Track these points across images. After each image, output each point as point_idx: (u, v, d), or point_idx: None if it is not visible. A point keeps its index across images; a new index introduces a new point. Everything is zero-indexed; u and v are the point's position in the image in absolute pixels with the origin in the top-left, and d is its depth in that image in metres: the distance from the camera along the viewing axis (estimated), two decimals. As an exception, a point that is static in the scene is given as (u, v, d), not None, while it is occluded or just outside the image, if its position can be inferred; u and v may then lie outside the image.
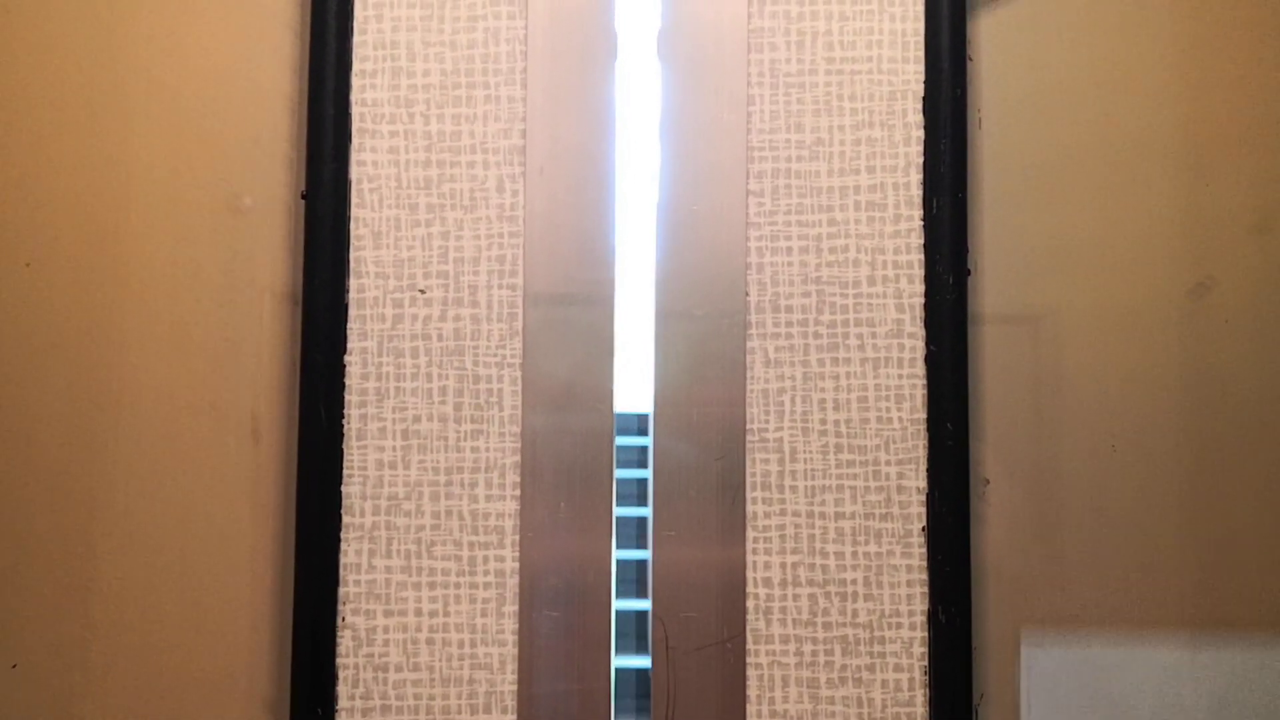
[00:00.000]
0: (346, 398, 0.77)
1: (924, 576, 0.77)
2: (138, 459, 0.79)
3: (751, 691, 0.76)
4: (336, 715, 0.76)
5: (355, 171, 0.79)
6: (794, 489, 0.78)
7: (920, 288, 0.78)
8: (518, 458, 0.77)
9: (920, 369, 0.78)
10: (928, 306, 0.78)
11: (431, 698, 0.76)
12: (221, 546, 0.79)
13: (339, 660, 0.76)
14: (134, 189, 0.81)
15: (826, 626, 0.77)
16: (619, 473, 0.80)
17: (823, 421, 0.78)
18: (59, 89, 0.81)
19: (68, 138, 0.81)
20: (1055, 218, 0.81)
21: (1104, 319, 0.81)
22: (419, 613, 0.77)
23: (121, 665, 0.79)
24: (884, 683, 0.76)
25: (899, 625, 0.77)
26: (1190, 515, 0.80)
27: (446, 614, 0.77)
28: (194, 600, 0.79)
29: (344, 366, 0.77)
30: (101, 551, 0.79)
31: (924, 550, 0.77)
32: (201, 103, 0.81)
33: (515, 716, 0.76)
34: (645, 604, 0.81)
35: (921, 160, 0.78)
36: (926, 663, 0.76)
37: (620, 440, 0.80)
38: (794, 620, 0.77)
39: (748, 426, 0.78)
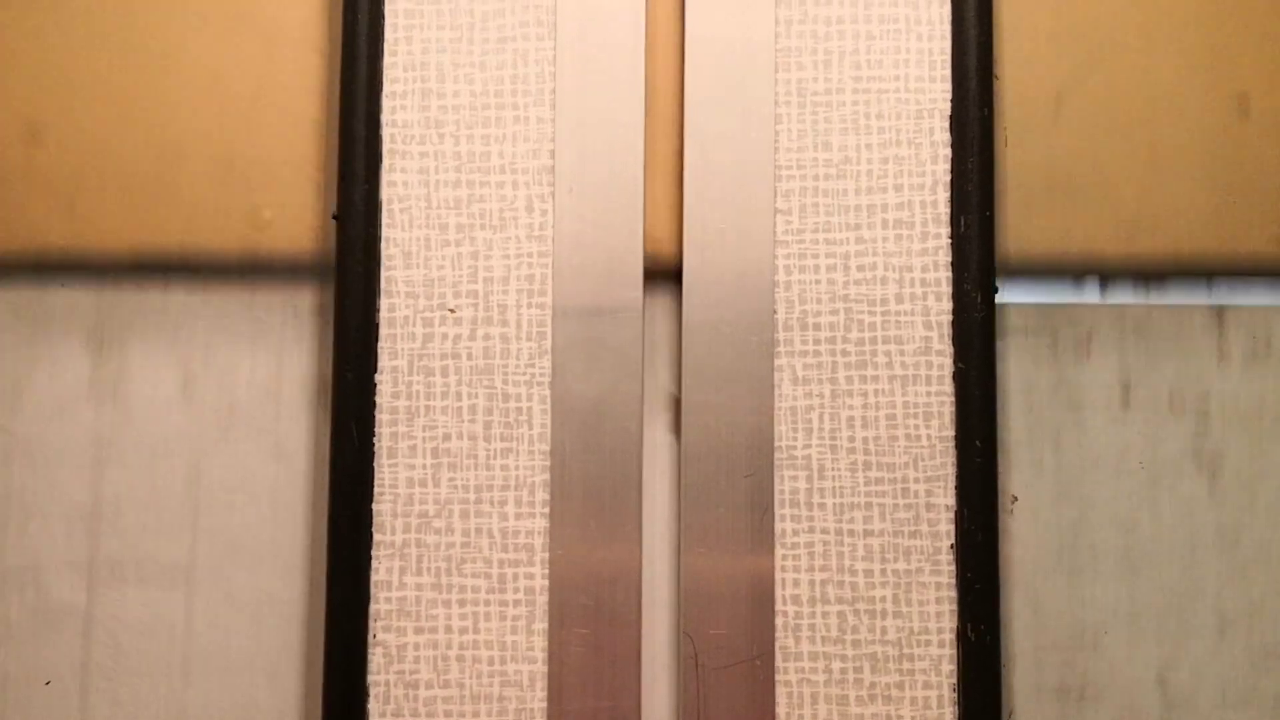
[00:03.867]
0: (377, 416, 0.78)
1: (953, 594, 0.77)
2: (168, 474, 0.80)
3: (781, 709, 0.77)
4: (368, 732, 0.76)
5: (386, 192, 0.79)
6: (822, 506, 0.78)
7: (948, 305, 0.78)
8: (547, 475, 0.78)
9: (948, 386, 0.78)
10: (955, 324, 0.78)
11: (462, 714, 0.77)
12: (252, 564, 0.80)
13: (370, 677, 0.77)
14: (165, 206, 0.81)
15: (855, 644, 0.77)
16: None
17: (851, 439, 0.78)
18: (87, 110, 0.82)
19: (94, 153, 0.82)
20: (1082, 233, 0.81)
21: (1131, 335, 0.81)
22: (449, 630, 0.77)
23: (149, 679, 0.79)
24: (913, 700, 0.76)
25: (928, 643, 0.77)
26: (1220, 530, 0.80)
27: (476, 631, 0.77)
28: (225, 617, 0.79)
29: (375, 385, 0.78)
30: (127, 564, 0.80)
31: (953, 568, 0.77)
32: (232, 123, 0.82)
33: (545, 733, 0.76)
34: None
35: (949, 178, 0.79)
36: (955, 680, 0.76)
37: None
38: (823, 638, 0.77)
39: (776, 444, 0.78)
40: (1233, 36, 0.82)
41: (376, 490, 0.78)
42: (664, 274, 0.80)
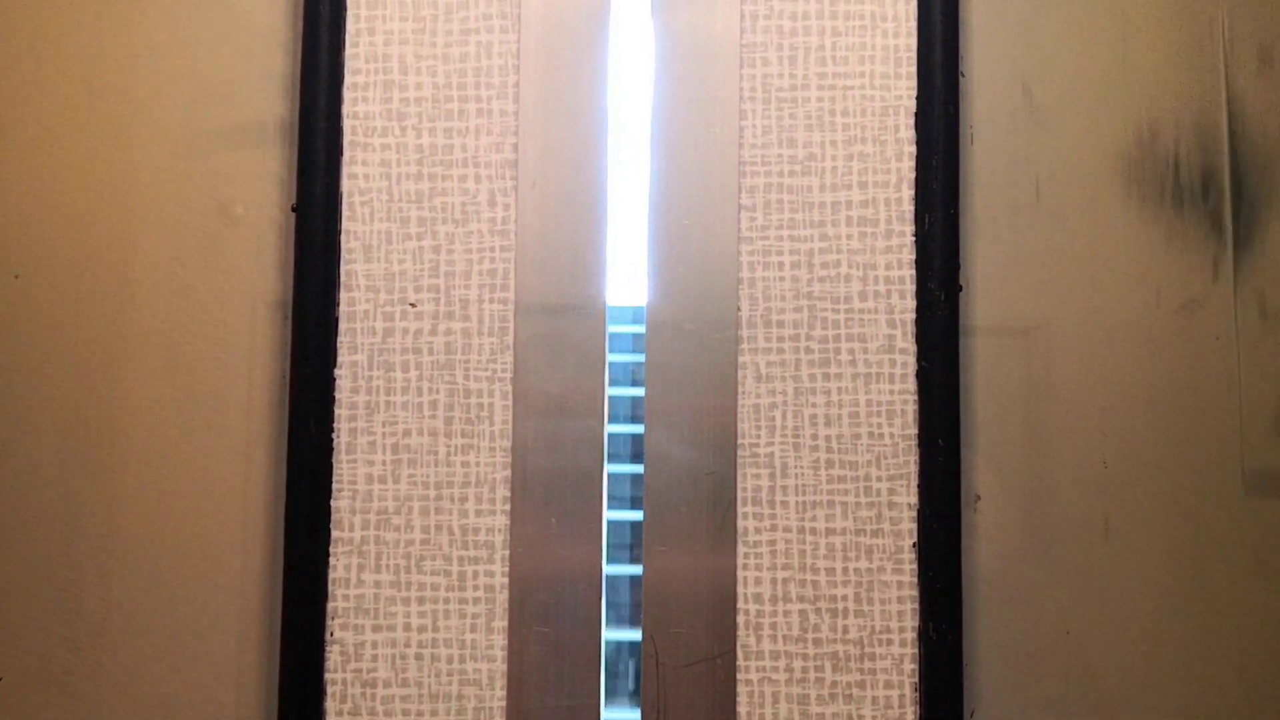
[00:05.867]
0: (336, 411, 0.77)
1: (915, 593, 0.77)
2: (124, 472, 0.79)
3: (741, 708, 0.76)
4: (324, 731, 0.75)
5: (346, 185, 0.78)
6: (785, 504, 0.77)
7: (912, 303, 0.78)
8: (508, 472, 0.77)
9: (912, 384, 0.78)
10: (919, 322, 0.78)
11: (420, 714, 0.76)
12: (208, 560, 0.79)
13: (327, 675, 0.76)
14: (124, 201, 0.80)
15: (817, 643, 0.77)
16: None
17: (814, 437, 0.78)
18: (50, 101, 0.81)
19: (57, 150, 0.81)
20: (1046, 232, 0.81)
21: (1094, 333, 0.81)
22: (408, 628, 0.76)
23: (107, 678, 0.78)
24: (874, 699, 0.76)
25: (890, 642, 0.76)
26: (1181, 529, 0.80)
27: (435, 629, 0.76)
28: (179, 613, 0.78)
29: (334, 380, 0.77)
30: (87, 563, 0.79)
31: (915, 566, 0.77)
32: (191, 115, 0.81)
33: (504, 732, 0.76)
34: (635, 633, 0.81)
35: (913, 176, 0.78)
36: (917, 679, 0.76)
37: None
38: (784, 636, 0.77)
39: (739, 441, 0.78)
40: (1200, 39, 0.82)
41: (335, 486, 0.77)
42: (627, 269, 0.80)
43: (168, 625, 0.78)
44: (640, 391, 0.84)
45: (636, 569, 0.83)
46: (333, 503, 0.77)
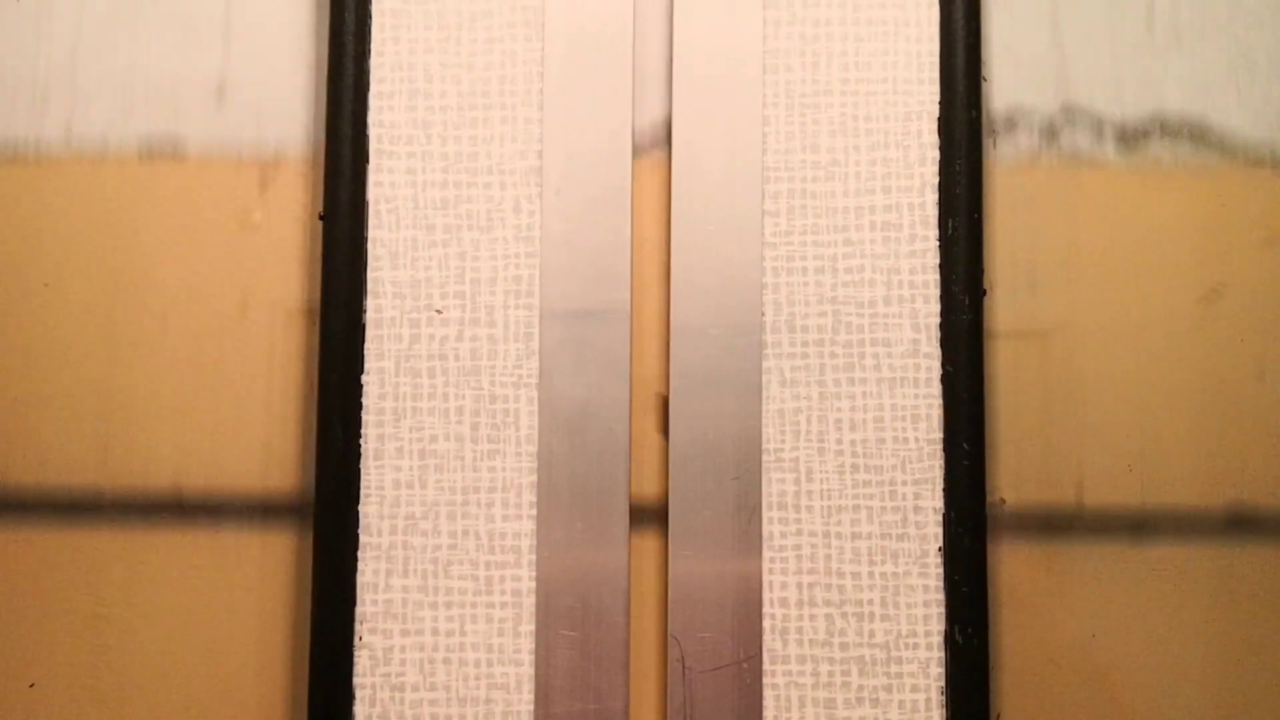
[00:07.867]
0: (364, 417, 0.78)
1: (941, 597, 0.77)
2: (147, 475, 0.80)
3: (768, 712, 0.76)
4: (353, 735, 0.76)
5: (373, 192, 0.79)
6: (810, 509, 0.78)
7: (936, 307, 0.78)
8: (534, 477, 0.78)
9: (936, 388, 0.78)
10: (943, 326, 0.78)
11: (448, 718, 0.76)
12: (236, 565, 0.79)
13: (356, 680, 0.76)
14: (147, 205, 0.81)
15: (843, 647, 0.77)
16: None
17: (839, 441, 0.78)
18: (81, 102, 0.82)
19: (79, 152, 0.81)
20: (1068, 233, 0.81)
21: (1117, 333, 0.81)
22: (436, 632, 0.77)
23: (133, 682, 0.79)
24: (901, 703, 0.76)
25: (916, 646, 0.77)
26: (1210, 532, 0.80)
27: (463, 634, 0.77)
28: (207, 619, 0.79)
29: (361, 386, 0.78)
30: (113, 567, 0.79)
31: (941, 570, 0.77)
32: (215, 120, 0.82)
33: (532, 736, 0.76)
34: (661, 623, 0.81)
35: (937, 181, 0.79)
36: (944, 683, 0.76)
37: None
38: (810, 640, 0.77)
39: (764, 446, 0.78)
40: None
41: (363, 492, 0.77)
42: (652, 275, 0.80)
43: (194, 628, 0.79)
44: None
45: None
46: (360, 508, 0.77)
